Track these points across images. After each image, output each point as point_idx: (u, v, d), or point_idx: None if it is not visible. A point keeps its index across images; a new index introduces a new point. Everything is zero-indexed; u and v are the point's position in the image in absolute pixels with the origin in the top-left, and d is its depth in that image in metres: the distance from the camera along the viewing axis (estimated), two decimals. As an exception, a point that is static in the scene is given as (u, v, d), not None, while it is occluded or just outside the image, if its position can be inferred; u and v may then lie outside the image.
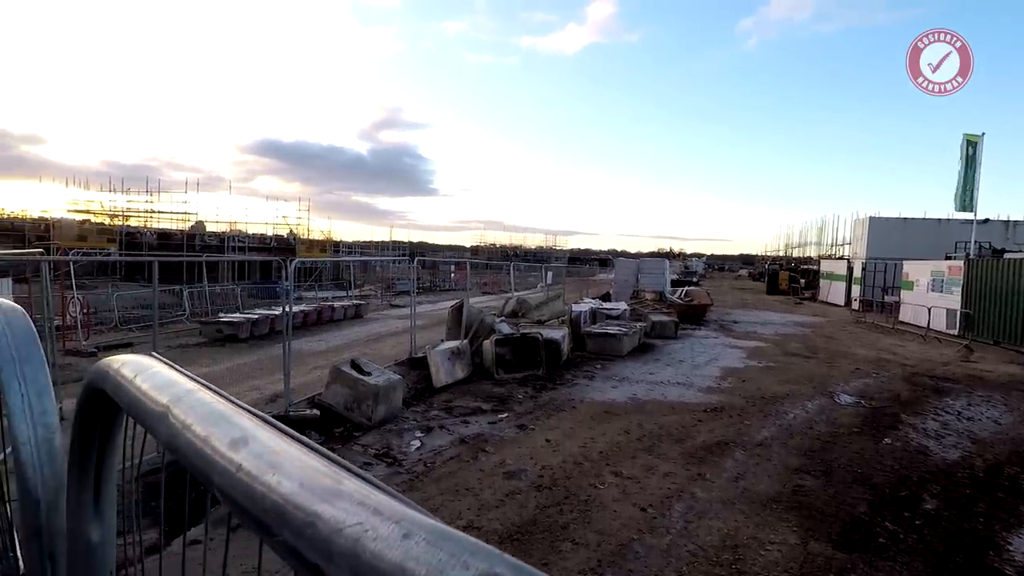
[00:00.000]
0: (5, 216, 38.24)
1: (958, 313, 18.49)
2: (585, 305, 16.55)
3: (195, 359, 11.70)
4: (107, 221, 35.09)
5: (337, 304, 19.88)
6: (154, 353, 0.68)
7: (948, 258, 21.92)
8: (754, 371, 11.86)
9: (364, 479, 0.32)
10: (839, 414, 8.65)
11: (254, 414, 0.45)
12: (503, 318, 13.27)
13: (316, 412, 7.33)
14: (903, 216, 35.10)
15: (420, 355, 10.22)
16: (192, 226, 35.17)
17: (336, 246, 43.99)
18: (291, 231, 37.59)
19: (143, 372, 0.56)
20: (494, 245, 79.71)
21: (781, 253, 59.60)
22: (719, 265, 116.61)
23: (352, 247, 50.62)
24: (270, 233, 37.45)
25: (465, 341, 10.61)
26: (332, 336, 15.54)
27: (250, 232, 36.97)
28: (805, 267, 43.84)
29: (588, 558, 4.27)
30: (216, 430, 0.40)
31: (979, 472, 6.53)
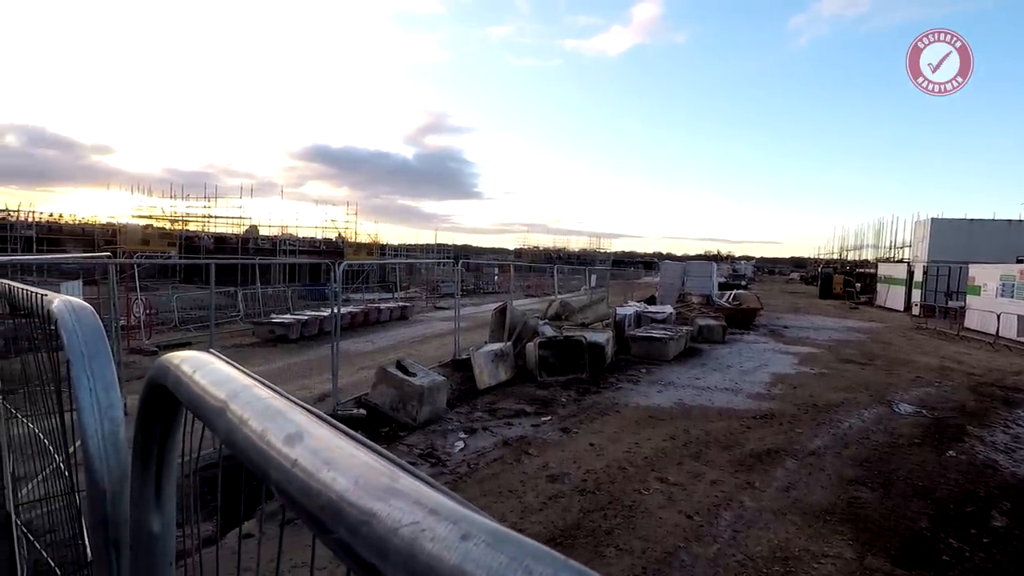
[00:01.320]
0: (77, 222, 40.63)
1: (1031, 319, 17.36)
2: (629, 308, 16.33)
3: (248, 359, 12.13)
4: (168, 226, 36.91)
5: (383, 306, 20.26)
6: (212, 350, 0.70)
7: (1020, 261, 20.65)
8: (806, 377, 11.44)
9: (420, 478, 0.32)
10: (898, 424, 8.25)
11: (308, 411, 0.45)
12: (546, 321, 13.23)
13: (363, 412, 7.48)
14: (969, 217, 33.18)
15: (464, 357, 10.30)
16: (246, 230, 36.57)
17: (382, 249, 44.93)
18: (339, 234, 38.58)
19: (201, 368, 0.57)
20: (537, 248, 79.58)
21: (835, 256, 57.23)
22: (769, 268, 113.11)
23: (398, 250, 51.57)
24: (319, 236, 38.55)
25: (508, 343, 10.63)
26: (378, 337, 15.84)
27: (300, 236, 38.14)
28: (861, 270, 42.02)
29: (633, 564, 4.20)
30: (272, 425, 0.41)
31: (1056, 489, 6.10)
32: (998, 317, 17.85)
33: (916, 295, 27.81)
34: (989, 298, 20.19)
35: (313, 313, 16.73)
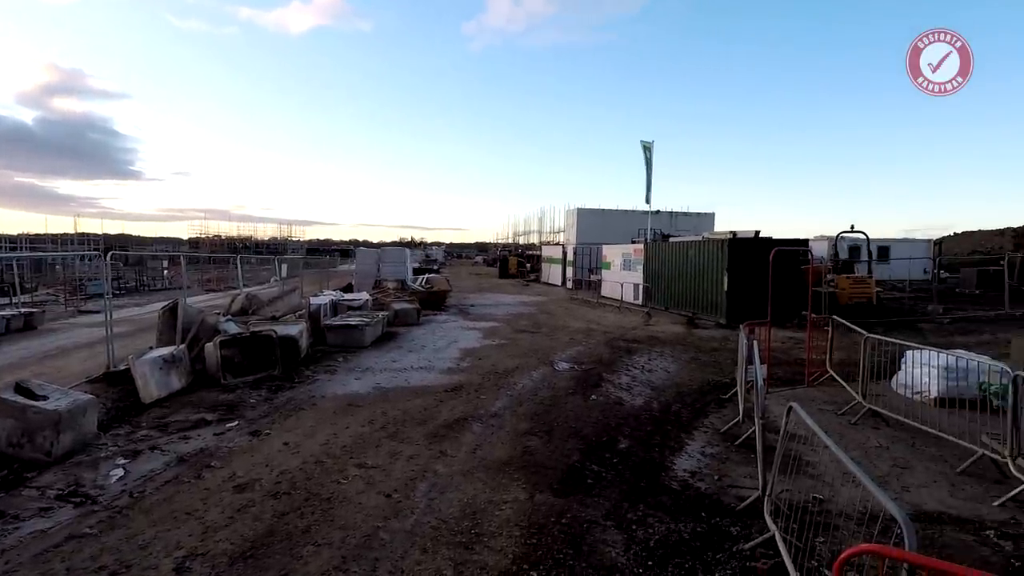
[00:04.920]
0: None
1: (641, 287, 22.77)
2: (325, 297, 15.86)
3: None
4: None
5: (-6, 314, 15.46)
6: None
7: (633, 242, 26.79)
8: (489, 349, 12.85)
9: None
10: (558, 379, 9.91)
11: None
12: (229, 317, 11.93)
13: (-39, 457, 5.61)
14: (602, 208, 41.95)
15: (123, 367, 8.58)
16: None
17: (-10, 240, 34.22)
18: (-90, 221, 27.90)
19: None
20: (219, 236, 71.35)
21: (511, 240, 65.70)
22: (458, 253, 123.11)
23: (18, 241, 39.98)
24: None
25: (182, 346, 9.26)
26: (-13, 356, 12.03)
27: None
28: (530, 253, 49.13)
29: (332, 557, 4.12)
30: None
31: (656, 412, 8.16)
32: (621, 286, 22.92)
33: (570, 272, 33.76)
34: (616, 271, 25.75)
35: None
